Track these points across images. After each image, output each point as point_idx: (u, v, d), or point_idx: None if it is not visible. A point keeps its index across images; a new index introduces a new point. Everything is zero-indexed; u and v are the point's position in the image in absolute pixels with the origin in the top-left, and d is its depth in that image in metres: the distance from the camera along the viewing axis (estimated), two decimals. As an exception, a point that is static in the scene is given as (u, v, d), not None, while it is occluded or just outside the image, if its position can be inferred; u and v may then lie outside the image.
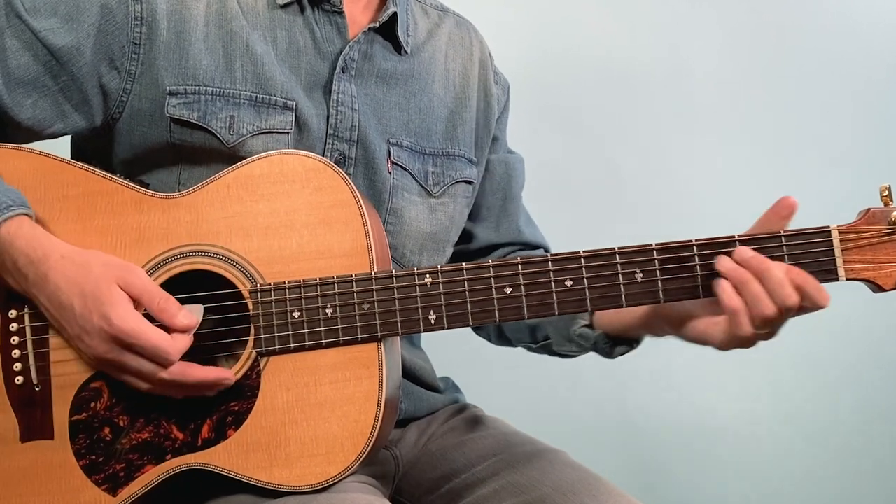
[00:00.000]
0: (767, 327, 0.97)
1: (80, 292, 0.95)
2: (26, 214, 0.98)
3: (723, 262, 0.98)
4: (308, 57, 1.15)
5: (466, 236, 1.34)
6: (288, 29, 1.14)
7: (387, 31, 1.20)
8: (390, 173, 1.18)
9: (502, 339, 1.36)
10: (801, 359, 2.11)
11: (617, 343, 1.15)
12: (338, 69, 1.14)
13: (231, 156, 1.08)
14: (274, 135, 1.10)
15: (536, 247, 1.38)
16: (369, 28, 1.18)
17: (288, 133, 1.11)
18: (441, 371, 1.33)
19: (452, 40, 1.30)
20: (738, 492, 2.17)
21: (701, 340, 1.03)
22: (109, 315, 0.93)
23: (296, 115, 1.11)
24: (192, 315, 0.97)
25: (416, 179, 1.20)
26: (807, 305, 0.96)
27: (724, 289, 0.97)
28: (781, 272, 0.96)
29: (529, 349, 1.32)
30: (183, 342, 0.96)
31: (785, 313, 0.96)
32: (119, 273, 0.96)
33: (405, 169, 1.20)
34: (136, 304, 0.96)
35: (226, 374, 0.98)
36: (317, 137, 1.13)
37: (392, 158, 1.18)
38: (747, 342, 0.98)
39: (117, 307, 0.94)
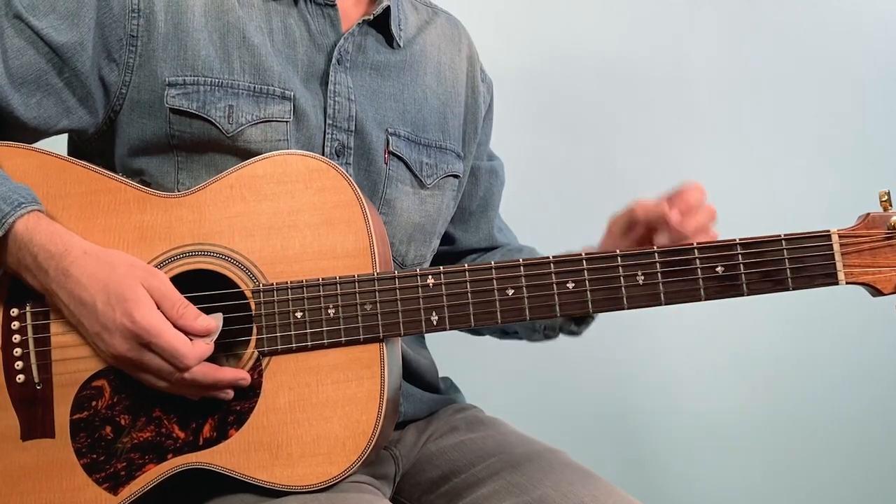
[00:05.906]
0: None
1: (103, 288, 0.95)
2: (39, 211, 0.98)
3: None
4: (304, 48, 1.15)
5: (448, 239, 1.36)
6: (283, 20, 1.15)
7: (380, 24, 1.21)
8: (386, 164, 1.19)
9: (474, 331, 1.43)
10: (802, 361, 2.11)
11: (580, 322, 1.23)
12: (333, 60, 1.15)
13: (230, 146, 1.08)
14: (273, 124, 1.10)
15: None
16: (363, 20, 1.19)
17: (287, 122, 1.11)
18: (442, 371, 1.33)
19: (442, 36, 1.32)
20: (737, 491, 2.18)
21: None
22: (133, 312, 0.94)
23: (294, 105, 1.12)
24: (211, 321, 0.97)
25: (411, 170, 1.21)
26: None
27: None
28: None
29: (500, 339, 1.41)
30: (202, 349, 0.96)
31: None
32: (143, 275, 0.96)
33: (402, 159, 1.20)
34: (157, 307, 0.96)
35: (242, 374, 0.98)
36: (315, 127, 1.13)
37: (390, 148, 1.19)
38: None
39: (141, 305, 0.94)
